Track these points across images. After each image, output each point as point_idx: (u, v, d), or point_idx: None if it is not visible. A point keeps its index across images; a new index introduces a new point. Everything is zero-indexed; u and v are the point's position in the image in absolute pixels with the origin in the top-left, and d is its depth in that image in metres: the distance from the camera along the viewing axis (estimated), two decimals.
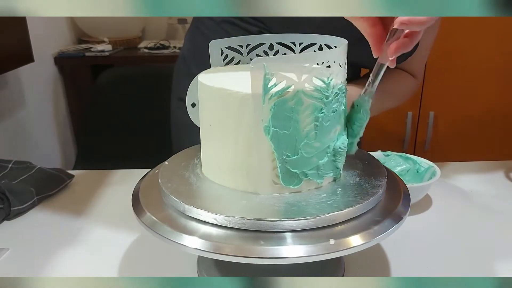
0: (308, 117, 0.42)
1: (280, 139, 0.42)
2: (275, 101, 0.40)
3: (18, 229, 0.63)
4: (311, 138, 0.42)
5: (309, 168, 0.44)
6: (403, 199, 0.46)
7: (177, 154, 0.55)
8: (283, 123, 0.41)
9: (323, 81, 0.41)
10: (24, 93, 1.54)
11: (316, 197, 0.44)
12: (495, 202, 0.69)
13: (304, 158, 0.43)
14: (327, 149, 0.44)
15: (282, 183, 0.43)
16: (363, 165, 0.50)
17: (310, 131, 0.42)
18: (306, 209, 0.41)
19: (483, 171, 0.80)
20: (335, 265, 0.52)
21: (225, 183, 0.46)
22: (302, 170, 0.43)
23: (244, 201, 0.43)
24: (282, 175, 0.43)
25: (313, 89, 0.41)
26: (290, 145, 0.42)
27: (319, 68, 0.41)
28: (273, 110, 0.40)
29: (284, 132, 0.41)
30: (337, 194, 0.44)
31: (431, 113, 1.60)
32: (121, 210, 0.65)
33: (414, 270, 0.53)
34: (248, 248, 0.38)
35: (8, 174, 0.74)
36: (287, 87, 0.40)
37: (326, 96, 0.42)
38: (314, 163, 0.44)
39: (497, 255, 0.56)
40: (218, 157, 0.47)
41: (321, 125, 0.42)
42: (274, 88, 0.40)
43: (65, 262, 0.55)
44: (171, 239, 0.40)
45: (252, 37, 0.54)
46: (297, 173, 0.43)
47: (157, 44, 1.83)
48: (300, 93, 0.40)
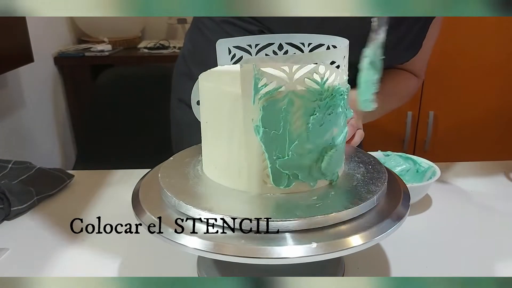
0: (300, 118, 0.41)
1: (271, 140, 0.41)
2: (266, 101, 0.40)
3: (18, 229, 0.63)
4: (303, 139, 0.42)
5: (300, 170, 0.43)
6: (403, 199, 0.46)
7: (178, 154, 0.55)
8: (273, 123, 0.41)
9: (317, 82, 0.41)
10: (24, 93, 1.54)
11: (314, 197, 0.43)
12: (495, 202, 0.69)
13: (294, 160, 0.42)
14: (321, 151, 0.43)
15: (273, 183, 0.43)
16: (366, 168, 0.50)
17: (302, 132, 0.42)
18: (307, 210, 0.41)
19: (483, 171, 0.80)
20: (335, 265, 0.52)
21: (223, 182, 0.46)
22: (293, 171, 0.43)
23: (244, 201, 0.43)
24: (272, 176, 0.43)
25: (305, 90, 0.40)
26: (280, 145, 0.42)
27: (314, 69, 0.40)
28: (264, 111, 0.40)
29: (274, 133, 0.41)
30: (329, 197, 0.44)
31: (431, 113, 1.60)
32: (121, 210, 0.65)
33: (414, 270, 0.53)
34: (248, 248, 0.38)
35: (8, 174, 0.74)
36: (278, 88, 0.40)
37: (320, 98, 0.41)
38: (306, 165, 0.43)
39: (497, 255, 0.56)
40: (215, 155, 0.47)
41: (314, 127, 0.42)
42: (264, 89, 0.39)
43: (65, 262, 0.55)
44: (171, 239, 0.40)
45: (261, 37, 0.53)
46: (288, 174, 0.43)
47: (157, 44, 1.83)
48: (292, 94, 0.40)
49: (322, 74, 0.40)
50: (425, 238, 0.60)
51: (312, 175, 0.44)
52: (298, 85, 0.40)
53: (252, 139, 0.42)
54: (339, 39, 0.49)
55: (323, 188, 0.45)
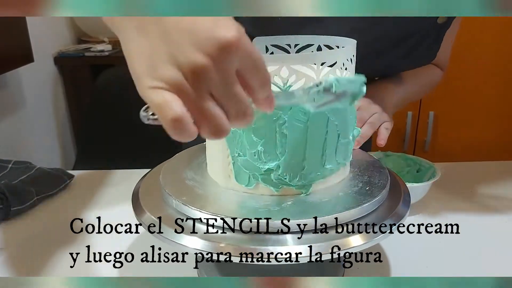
0: (261, 120, 0.41)
1: (233, 136, 0.42)
2: None
3: (18, 229, 0.63)
4: (261, 144, 0.41)
5: (259, 173, 0.43)
6: (403, 199, 0.46)
7: (178, 154, 0.55)
8: None
9: (279, 86, 0.40)
10: (24, 93, 1.53)
11: (315, 198, 0.44)
12: (495, 202, 0.69)
13: (252, 161, 0.42)
14: (282, 160, 0.42)
15: (235, 179, 0.44)
16: (366, 169, 0.50)
17: (262, 136, 0.41)
18: (307, 210, 0.41)
19: (483, 171, 0.80)
20: (335, 265, 0.52)
21: (220, 182, 0.47)
22: (253, 172, 0.43)
23: (243, 201, 0.43)
24: (235, 172, 0.44)
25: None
26: (241, 144, 0.42)
27: (275, 71, 0.40)
28: None
29: (234, 132, 0.42)
30: (331, 198, 0.44)
31: (431, 113, 1.60)
32: (121, 210, 0.65)
33: (414, 270, 0.53)
34: (248, 248, 0.38)
35: (8, 174, 0.74)
36: None
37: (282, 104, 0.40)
38: (264, 170, 0.42)
39: (497, 255, 0.56)
40: (208, 154, 0.48)
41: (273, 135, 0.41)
42: None
43: (65, 262, 0.55)
44: (171, 239, 0.40)
45: (301, 37, 0.52)
46: (249, 174, 0.43)
47: None
48: None
49: (285, 79, 0.40)
50: (425, 238, 0.60)
51: (274, 181, 0.43)
52: None
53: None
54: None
55: (324, 189, 0.45)
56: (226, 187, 0.45)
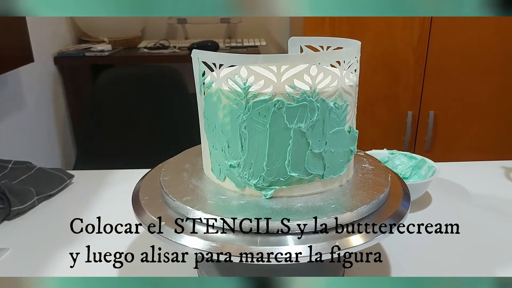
0: (227, 116, 0.42)
1: (210, 130, 0.45)
2: (205, 93, 0.44)
3: (18, 229, 0.63)
4: (226, 139, 0.43)
5: (225, 168, 0.44)
6: (403, 199, 0.46)
7: (179, 154, 0.55)
8: (211, 116, 0.44)
9: (239, 85, 0.40)
10: (24, 93, 1.53)
11: (315, 198, 0.44)
12: (495, 202, 0.69)
13: (220, 156, 0.44)
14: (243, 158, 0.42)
15: (211, 170, 0.46)
16: (367, 169, 0.50)
17: (227, 133, 0.43)
18: (307, 211, 0.41)
19: (483, 171, 0.80)
20: (335, 265, 0.52)
21: (215, 181, 0.47)
22: (222, 166, 0.45)
23: (242, 201, 0.43)
24: (211, 165, 0.46)
25: (229, 90, 0.41)
26: (217, 138, 0.44)
27: (235, 70, 0.40)
28: (205, 101, 0.44)
29: (211, 124, 0.44)
30: (331, 198, 0.44)
31: (431, 113, 1.60)
32: (121, 210, 0.65)
33: (414, 270, 0.53)
34: (248, 249, 0.38)
35: (8, 174, 0.74)
36: (211, 83, 0.42)
37: (242, 102, 0.40)
38: (229, 165, 0.44)
39: (497, 255, 0.56)
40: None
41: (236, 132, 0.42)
42: (204, 81, 0.43)
43: (65, 262, 0.55)
44: (171, 239, 0.40)
45: (337, 39, 0.52)
46: (220, 167, 0.45)
47: (157, 44, 1.83)
48: (219, 91, 0.42)
49: (244, 79, 0.40)
50: (425, 238, 0.60)
51: (235, 177, 0.44)
52: (223, 83, 0.41)
53: (202, 126, 0.47)
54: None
55: (324, 189, 0.45)
56: (211, 179, 0.47)
